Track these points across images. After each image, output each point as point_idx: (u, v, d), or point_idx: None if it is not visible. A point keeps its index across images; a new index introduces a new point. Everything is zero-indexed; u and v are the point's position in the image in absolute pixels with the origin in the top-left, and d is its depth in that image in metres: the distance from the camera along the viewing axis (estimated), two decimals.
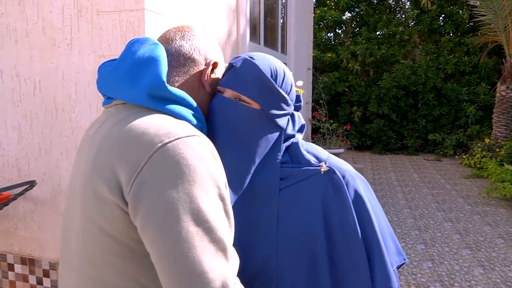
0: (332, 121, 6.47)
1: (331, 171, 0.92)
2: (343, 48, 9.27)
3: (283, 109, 0.92)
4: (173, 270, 0.63)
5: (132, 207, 0.66)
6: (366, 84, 9.07)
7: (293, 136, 0.96)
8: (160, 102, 0.76)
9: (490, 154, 6.88)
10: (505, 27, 7.27)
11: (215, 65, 0.91)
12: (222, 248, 0.67)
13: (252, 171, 0.90)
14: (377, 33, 9.44)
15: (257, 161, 0.90)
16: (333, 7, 9.69)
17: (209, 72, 0.90)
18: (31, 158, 2.20)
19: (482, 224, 4.55)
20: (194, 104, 0.82)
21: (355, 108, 8.89)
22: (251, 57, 0.92)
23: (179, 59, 0.87)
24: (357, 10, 9.69)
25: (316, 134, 6.25)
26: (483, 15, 7.46)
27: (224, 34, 2.92)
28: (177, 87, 0.85)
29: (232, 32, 3.04)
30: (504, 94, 7.38)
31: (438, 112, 8.59)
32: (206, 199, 0.66)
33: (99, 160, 0.71)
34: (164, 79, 0.76)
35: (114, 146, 0.70)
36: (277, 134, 0.92)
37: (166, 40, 0.89)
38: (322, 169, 0.92)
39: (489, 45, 8.12)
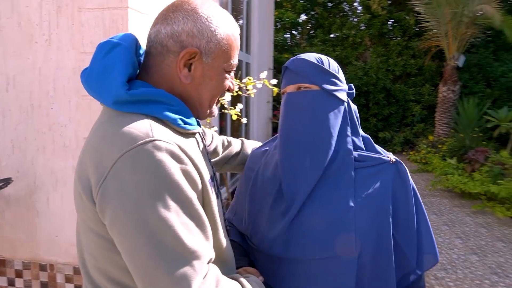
0: None
1: (398, 162, 1.06)
2: (299, 49, 9.57)
3: (338, 85, 1.04)
4: (135, 274, 0.72)
5: (99, 211, 0.73)
6: None
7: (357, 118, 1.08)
8: (129, 105, 0.77)
9: (434, 150, 7.43)
10: (446, 33, 7.88)
11: (188, 53, 0.82)
12: (177, 257, 0.70)
13: (333, 145, 1.00)
14: (331, 35, 9.84)
15: (334, 134, 1.01)
16: (290, 9, 9.96)
17: (181, 64, 0.82)
18: (3, 155, 2.15)
19: (429, 213, 4.96)
20: (168, 97, 0.81)
21: None
22: (298, 56, 1.06)
23: (156, 47, 0.84)
24: (312, 13, 10.03)
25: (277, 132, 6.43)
26: (428, 22, 8.04)
27: None
28: (157, 78, 0.84)
29: None
30: (445, 94, 7.99)
31: (387, 111, 9.13)
32: (162, 207, 0.70)
33: (81, 166, 0.78)
34: (123, 84, 0.77)
35: (90, 153, 0.76)
36: (342, 107, 1.04)
37: (154, 22, 0.87)
38: (391, 160, 1.05)
39: (432, 49, 8.75)
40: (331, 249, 0.98)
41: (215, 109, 0.94)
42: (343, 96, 1.04)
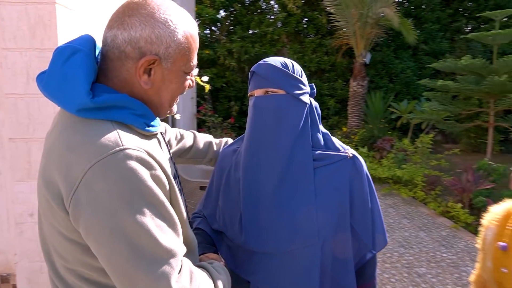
0: (217, 115, 6.78)
1: (354, 157, 1.17)
2: (219, 45, 9.67)
3: (301, 89, 1.13)
4: (114, 277, 0.76)
5: (73, 220, 0.75)
6: (242, 80, 9.66)
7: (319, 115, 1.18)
8: (91, 112, 0.78)
9: (348, 140, 8.08)
10: (354, 32, 8.56)
11: (146, 61, 0.82)
12: (155, 257, 0.75)
13: (294, 145, 1.10)
14: (250, 32, 10.08)
15: (296, 136, 1.10)
16: (209, 5, 9.99)
17: (141, 71, 0.83)
18: None
19: None
20: (131, 102, 0.82)
21: (232, 103, 9.39)
22: (264, 61, 1.13)
23: (113, 51, 0.83)
24: (231, 9, 10.18)
25: (202, 128, 6.50)
26: (338, 21, 8.65)
27: None
28: (116, 82, 0.84)
29: None
30: (355, 89, 8.69)
31: None
32: (136, 213, 0.73)
33: (46, 173, 0.79)
34: (87, 92, 0.77)
35: (56, 162, 0.77)
36: (305, 109, 1.13)
37: (108, 24, 0.85)
38: (348, 155, 1.16)
39: (343, 47, 9.45)
40: (298, 242, 1.09)
41: (175, 107, 0.97)
42: (306, 98, 1.14)
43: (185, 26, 0.87)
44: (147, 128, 0.85)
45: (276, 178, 1.09)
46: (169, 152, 1.02)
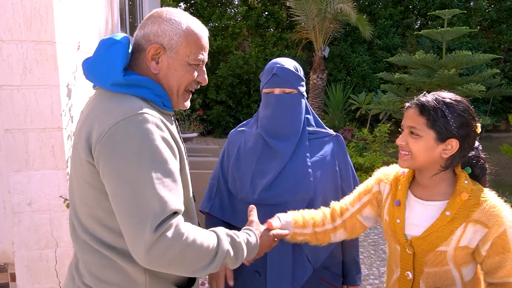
0: None
1: (337, 135, 1.58)
2: None
3: (304, 86, 1.53)
4: (116, 214, 0.93)
5: (96, 163, 0.95)
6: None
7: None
8: (122, 87, 1.00)
9: None
10: (313, 27, 8.86)
11: (152, 49, 1.04)
12: (149, 203, 0.89)
13: (301, 127, 1.50)
14: (211, 25, 10.11)
15: (301, 121, 1.50)
16: None
17: (148, 58, 1.05)
18: None
19: None
20: (151, 83, 1.03)
21: (195, 96, 9.41)
22: (281, 65, 1.47)
23: (135, 46, 1.08)
24: (192, 1, 10.14)
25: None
26: (298, 16, 8.90)
27: (103, 24, 2.96)
28: (135, 70, 1.06)
29: (109, 21, 3.09)
30: (315, 82, 9.02)
31: None
32: (142, 164, 0.91)
33: (83, 131, 1.00)
34: (121, 71, 1.00)
35: (92, 122, 0.98)
36: (304, 100, 1.53)
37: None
38: (333, 134, 1.57)
39: (303, 41, 9.74)
40: (299, 193, 1.43)
41: (187, 103, 1.15)
42: (304, 92, 1.53)
43: (188, 24, 1.08)
44: (163, 106, 1.07)
45: (289, 150, 1.46)
46: (179, 132, 1.20)
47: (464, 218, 1.12)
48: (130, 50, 1.09)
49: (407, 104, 1.20)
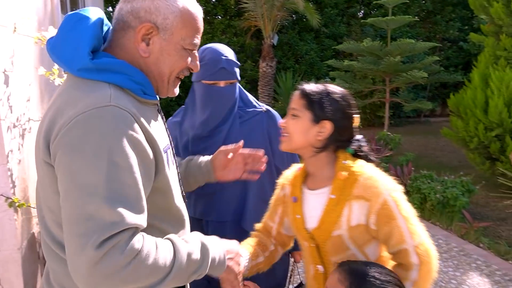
0: None
1: (268, 111, 1.60)
2: None
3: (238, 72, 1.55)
4: (63, 215, 0.80)
5: (52, 159, 0.83)
6: None
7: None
8: (91, 73, 0.85)
9: None
10: (262, 14, 8.83)
11: (144, 28, 0.88)
12: (91, 215, 0.76)
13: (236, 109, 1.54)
14: None
15: (235, 103, 1.54)
16: None
17: (138, 37, 0.89)
18: None
19: None
20: (129, 68, 0.87)
21: None
22: (226, 56, 1.47)
23: (118, 23, 0.91)
24: None
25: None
26: (246, 3, 8.81)
27: (42, 5, 2.70)
28: (118, 51, 0.90)
29: (47, 3, 2.83)
30: (265, 70, 9.02)
31: None
32: (97, 166, 0.77)
33: (44, 124, 0.87)
34: (87, 54, 0.84)
35: (52, 113, 0.86)
36: (238, 85, 1.57)
37: (119, 2, 0.94)
38: (263, 110, 1.58)
39: (252, 28, 9.67)
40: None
41: (176, 89, 1.01)
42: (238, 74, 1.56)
43: (184, 2, 0.93)
44: (142, 95, 0.91)
45: (223, 137, 1.50)
46: (165, 125, 1.06)
47: (347, 196, 1.13)
48: (108, 27, 0.94)
49: (293, 92, 1.24)
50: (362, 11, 11.11)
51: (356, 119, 1.21)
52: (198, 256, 0.91)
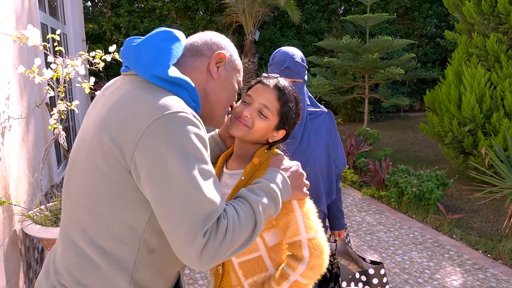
0: None
1: (329, 112, 1.89)
2: (104, 19, 9.05)
3: (306, 73, 1.77)
4: (160, 218, 0.88)
5: (136, 163, 0.88)
6: None
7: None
8: (162, 81, 0.95)
9: None
10: (243, 10, 8.85)
11: (219, 55, 1.06)
12: (199, 206, 0.86)
13: (306, 110, 1.80)
14: (137, 5, 9.63)
15: (306, 102, 1.81)
16: None
17: (213, 62, 1.06)
18: None
19: None
20: (192, 87, 0.99)
21: None
22: (291, 56, 1.71)
23: (191, 50, 1.06)
24: None
25: None
26: None
27: (20, 3, 2.68)
28: (186, 71, 1.04)
29: (25, 1, 2.81)
30: (247, 66, 9.06)
31: None
32: (187, 165, 0.87)
33: (109, 120, 0.92)
34: (168, 66, 0.96)
35: (122, 111, 0.91)
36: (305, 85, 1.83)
37: (190, 38, 1.11)
38: (325, 111, 1.87)
39: (233, 24, 9.67)
40: (309, 168, 1.70)
41: (225, 121, 1.16)
42: (306, 77, 1.80)
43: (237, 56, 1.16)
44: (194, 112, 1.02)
45: (298, 134, 1.74)
46: None
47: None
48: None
49: (264, 80, 1.21)
50: (343, 8, 11.24)
51: None
52: (271, 204, 1.04)
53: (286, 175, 1.12)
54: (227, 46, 1.11)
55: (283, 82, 1.22)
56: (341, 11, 11.18)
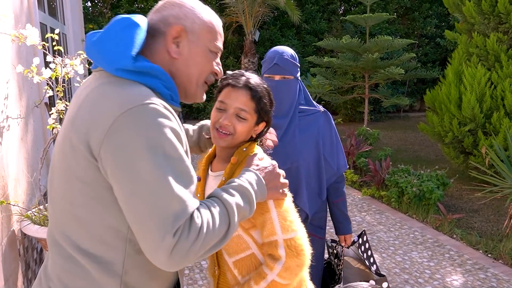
0: None
1: (325, 112, 1.88)
2: (104, 19, 9.05)
3: (298, 71, 1.81)
4: (128, 216, 0.84)
5: (103, 160, 0.84)
6: None
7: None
8: (129, 74, 0.89)
9: None
10: (243, 11, 8.85)
11: (174, 30, 0.95)
12: (166, 205, 0.82)
13: (294, 106, 1.79)
14: (137, 6, 9.64)
15: (296, 101, 1.80)
16: None
17: (170, 40, 0.95)
18: None
19: None
20: (164, 74, 0.93)
21: None
22: (281, 54, 1.74)
23: (149, 31, 0.96)
24: None
25: None
26: None
27: (18, 2, 2.67)
28: (150, 57, 0.96)
29: (24, 1, 2.80)
30: (247, 65, 9.06)
31: None
32: (156, 161, 0.82)
33: (77, 119, 0.88)
34: (131, 56, 0.88)
35: (89, 109, 0.87)
36: (298, 83, 1.82)
37: (149, 15, 1.01)
38: (320, 110, 1.86)
39: (233, 24, 9.67)
40: (289, 162, 1.75)
41: (204, 95, 1.06)
42: (298, 76, 1.82)
43: (209, 14, 1.03)
44: (171, 101, 0.96)
45: (283, 126, 1.76)
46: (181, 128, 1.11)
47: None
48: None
49: (232, 82, 1.19)
50: (343, 8, 11.24)
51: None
52: (245, 205, 0.99)
53: (261, 176, 1.08)
54: (186, 12, 0.98)
55: (250, 76, 1.21)
56: (341, 11, 11.18)
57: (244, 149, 1.21)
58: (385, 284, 1.92)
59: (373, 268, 2.00)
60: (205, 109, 9.72)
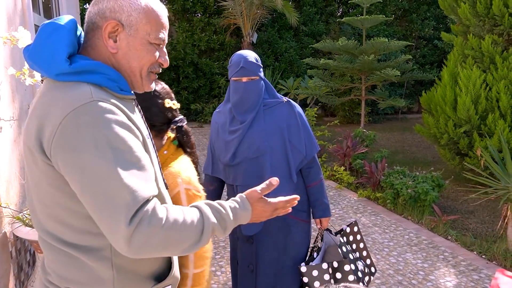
0: None
1: (289, 101, 2.04)
2: None
3: (261, 71, 2.00)
4: (88, 209, 0.88)
5: (53, 162, 0.90)
6: None
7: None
8: (70, 76, 0.92)
9: None
10: (241, 12, 8.86)
11: (109, 26, 0.95)
12: (117, 195, 0.85)
13: (259, 102, 1.99)
14: None
15: (261, 97, 1.99)
16: None
17: (105, 35, 0.96)
18: None
19: None
20: (104, 67, 0.94)
21: None
22: (245, 57, 1.91)
23: (88, 25, 0.98)
24: None
25: None
26: (225, 1, 8.83)
27: (12, 4, 2.69)
28: (90, 51, 0.98)
29: (18, 2, 2.81)
30: None
31: (196, 84, 9.73)
32: (103, 155, 0.86)
33: (30, 126, 0.93)
34: (64, 59, 0.91)
35: (38, 115, 0.91)
36: (262, 81, 2.00)
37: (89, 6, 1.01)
38: (283, 101, 2.03)
39: (231, 26, 9.69)
40: (257, 152, 1.95)
41: (152, 84, 1.06)
42: (262, 75, 2.01)
43: (147, 2, 0.99)
44: (120, 91, 0.98)
45: (249, 119, 1.95)
46: (143, 118, 1.12)
47: None
48: (80, 32, 1.00)
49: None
50: (341, 10, 11.26)
51: (165, 103, 1.32)
52: (221, 230, 1.00)
53: (250, 214, 1.07)
54: (122, 5, 0.96)
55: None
56: (339, 13, 11.20)
57: (165, 151, 1.28)
58: (347, 267, 1.93)
59: (368, 262, 2.08)
60: (203, 111, 9.73)
